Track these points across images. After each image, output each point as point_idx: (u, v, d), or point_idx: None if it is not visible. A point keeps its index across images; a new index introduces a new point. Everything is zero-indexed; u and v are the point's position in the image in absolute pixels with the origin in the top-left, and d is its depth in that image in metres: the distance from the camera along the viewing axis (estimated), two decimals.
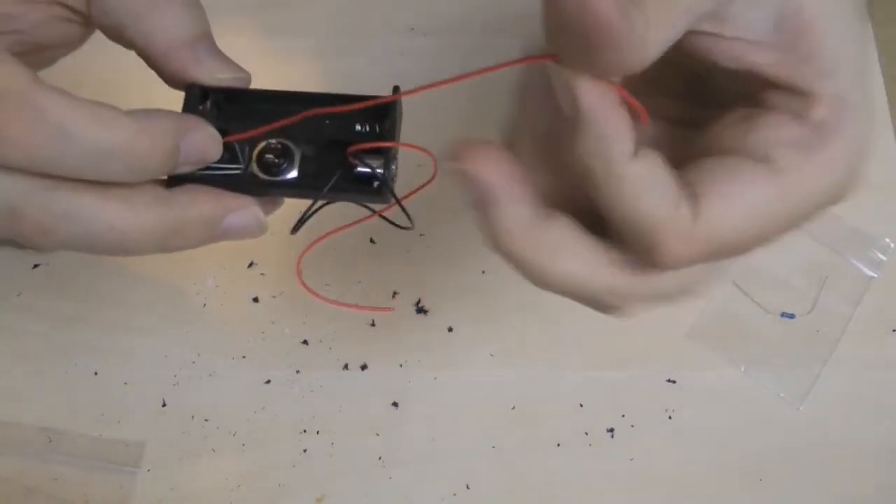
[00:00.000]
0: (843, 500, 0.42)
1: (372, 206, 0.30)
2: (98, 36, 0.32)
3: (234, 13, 0.50)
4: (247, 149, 0.29)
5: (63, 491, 0.39)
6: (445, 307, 0.44)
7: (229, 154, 0.29)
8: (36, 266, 0.44)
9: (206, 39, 0.30)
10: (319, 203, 0.30)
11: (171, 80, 0.30)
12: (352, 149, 0.29)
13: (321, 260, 0.45)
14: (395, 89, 0.29)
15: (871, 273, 0.46)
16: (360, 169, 0.29)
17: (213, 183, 0.29)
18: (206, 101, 0.30)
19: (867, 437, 0.43)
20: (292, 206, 0.45)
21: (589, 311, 0.44)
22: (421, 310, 0.44)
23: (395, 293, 0.44)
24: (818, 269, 0.46)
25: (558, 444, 0.42)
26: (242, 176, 0.29)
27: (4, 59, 0.24)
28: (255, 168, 0.29)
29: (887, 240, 0.46)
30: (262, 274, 0.44)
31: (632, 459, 0.42)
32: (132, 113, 0.26)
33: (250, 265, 0.44)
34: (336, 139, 0.30)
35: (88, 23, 0.31)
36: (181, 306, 0.43)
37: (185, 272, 0.44)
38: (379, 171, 0.29)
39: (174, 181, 0.29)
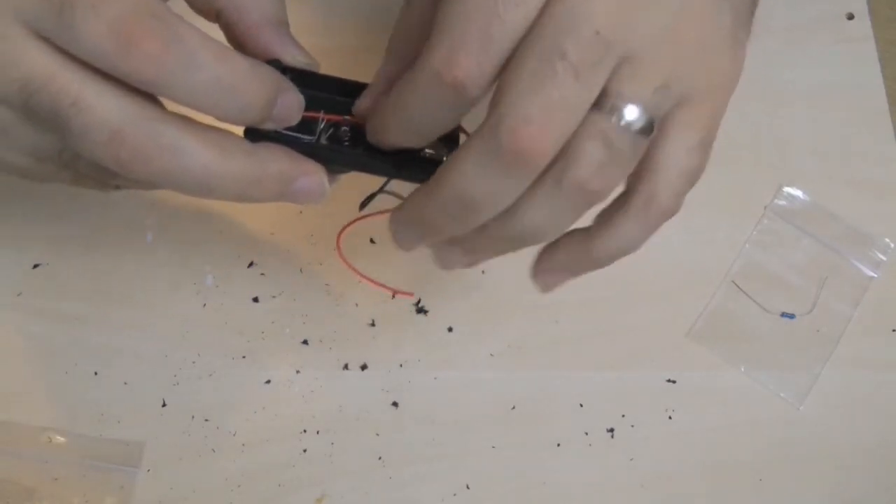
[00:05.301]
0: (842, 500, 0.42)
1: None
2: None
3: None
4: (320, 122, 0.31)
5: (63, 491, 0.39)
6: (445, 307, 0.44)
7: (302, 125, 0.31)
8: (36, 266, 0.44)
9: (286, 24, 0.32)
10: (387, 181, 0.33)
11: (252, 55, 0.32)
12: None
13: (321, 260, 0.45)
14: None
15: (871, 273, 0.46)
16: (428, 151, 0.31)
17: (286, 146, 0.31)
18: (285, 76, 0.31)
19: (867, 437, 0.43)
20: (291, 208, 0.45)
21: (589, 311, 0.44)
22: (421, 310, 0.44)
23: (395, 293, 0.44)
24: (818, 269, 0.46)
25: (558, 444, 0.42)
26: (313, 145, 0.31)
27: None
28: (324, 141, 0.31)
29: (887, 240, 0.46)
30: (262, 274, 0.44)
31: (632, 459, 0.42)
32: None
33: (250, 265, 0.44)
34: None
35: None
36: (181, 306, 0.43)
37: (185, 272, 0.44)
38: (446, 158, 0.30)
39: (253, 136, 0.30)
